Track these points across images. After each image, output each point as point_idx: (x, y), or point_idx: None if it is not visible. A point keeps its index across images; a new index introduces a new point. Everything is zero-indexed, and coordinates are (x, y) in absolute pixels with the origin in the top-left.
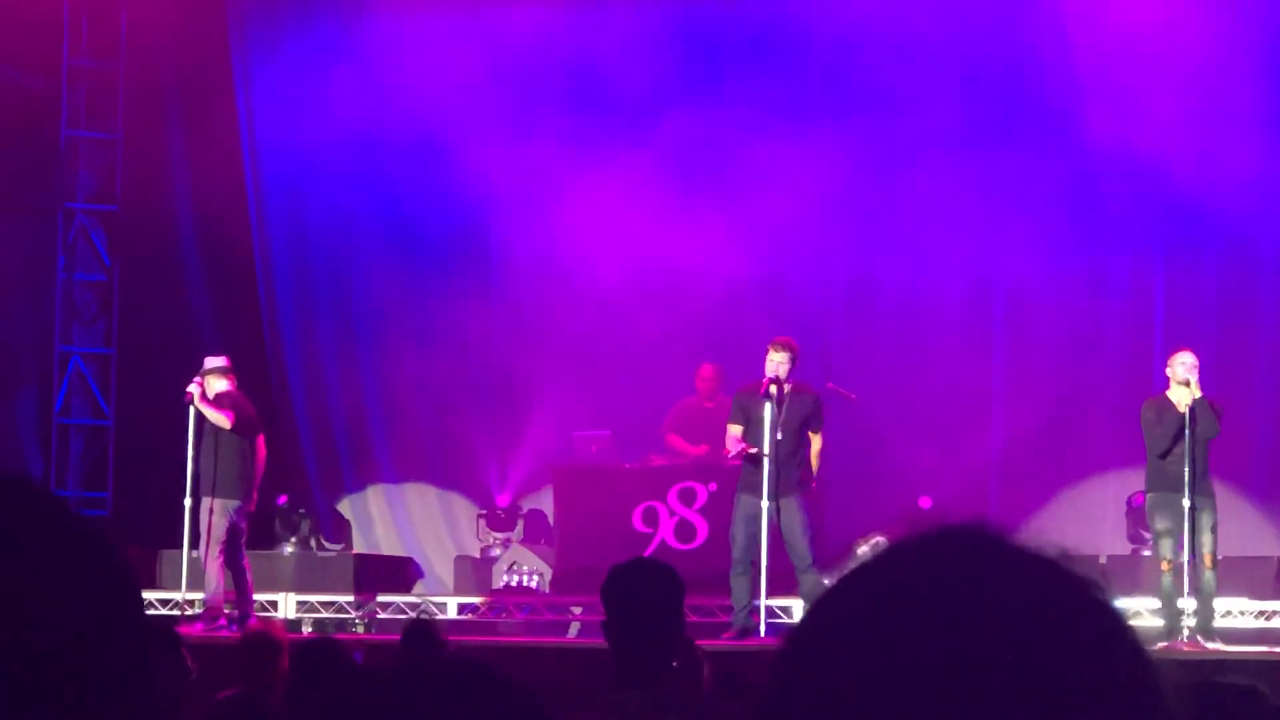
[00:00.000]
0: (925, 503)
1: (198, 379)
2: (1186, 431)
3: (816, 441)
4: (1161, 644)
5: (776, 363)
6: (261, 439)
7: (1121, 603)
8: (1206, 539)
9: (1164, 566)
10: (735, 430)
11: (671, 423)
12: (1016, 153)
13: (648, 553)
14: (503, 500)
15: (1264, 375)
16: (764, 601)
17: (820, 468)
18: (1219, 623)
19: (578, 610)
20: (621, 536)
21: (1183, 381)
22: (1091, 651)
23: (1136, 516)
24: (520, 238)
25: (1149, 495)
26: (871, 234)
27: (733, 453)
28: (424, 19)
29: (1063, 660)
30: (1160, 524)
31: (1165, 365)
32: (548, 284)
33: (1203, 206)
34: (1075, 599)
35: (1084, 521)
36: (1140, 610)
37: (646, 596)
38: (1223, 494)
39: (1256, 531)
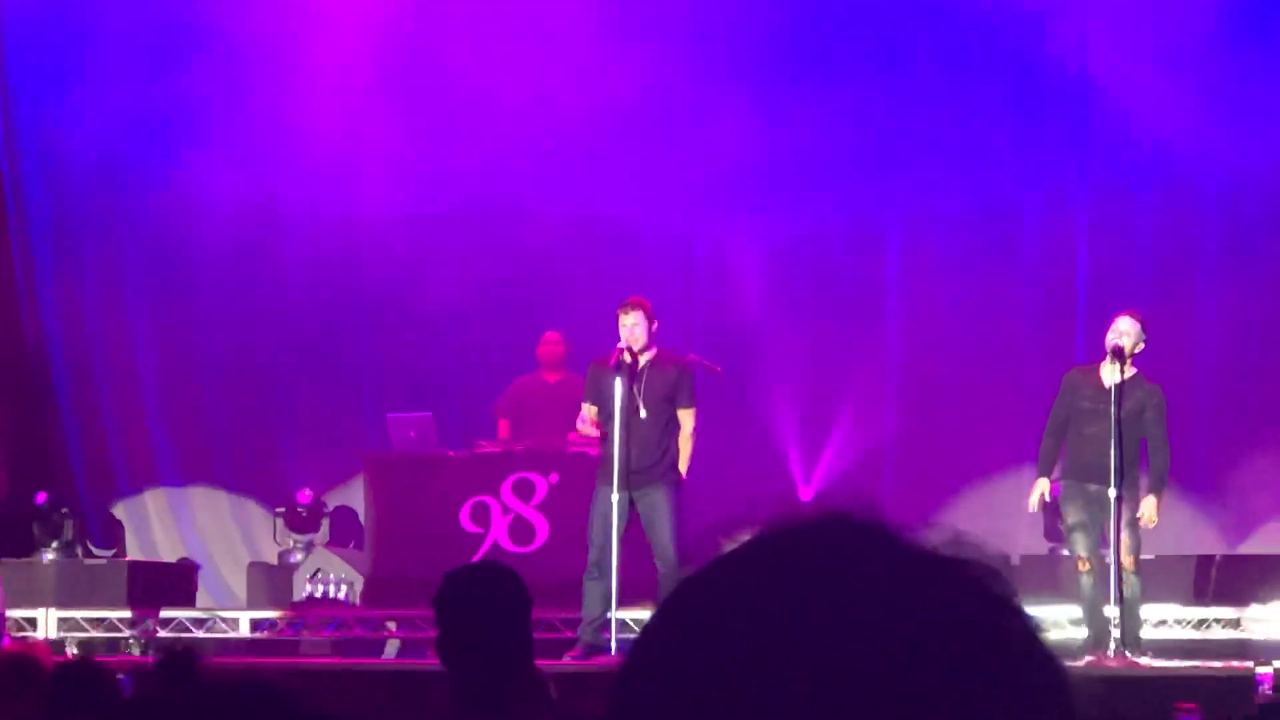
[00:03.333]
0: (806, 494)
1: None
2: (1112, 410)
3: (688, 422)
4: (1086, 658)
5: (628, 327)
6: None
7: (1032, 606)
8: (1125, 536)
9: (1081, 567)
10: (589, 411)
11: (505, 404)
12: (910, 81)
13: (478, 556)
14: (304, 496)
15: (1204, 349)
16: (615, 614)
17: (696, 452)
18: (1149, 633)
19: (393, 626)
20: (446, 538)
21: (1112, 351)
22: (984, 656)
23: (1055, 509)
24: (323, 188)
25: (1062, 483)
26: (738, 178)
27: (582, 433)
28: None
29: (948, 666)
30: (1072, 517)
31: (1087, 332)
32: (356, 241)
33: (1135, 144)
34: (967, 595)
35: (995, 515)
36: (1060, 620)
37: (489, 608)
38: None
39: (1193, 528)
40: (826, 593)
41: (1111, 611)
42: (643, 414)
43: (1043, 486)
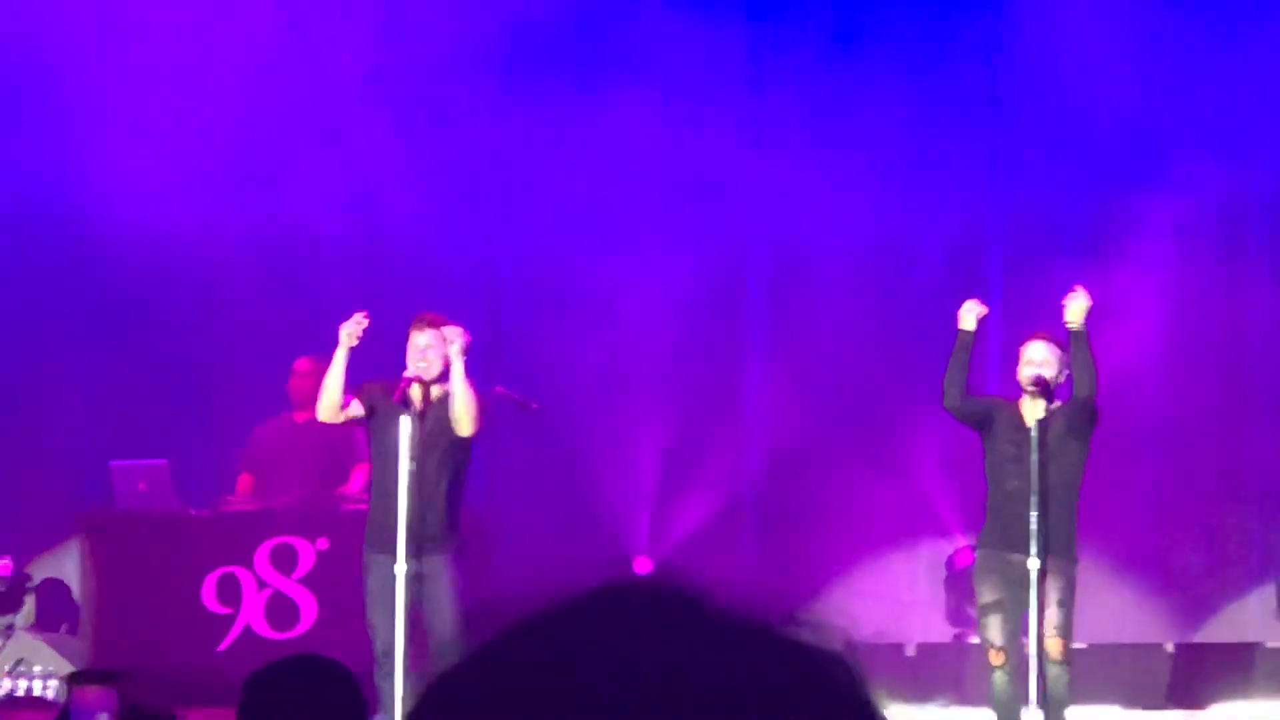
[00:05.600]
0: (642, 565)
1: None
2: (1034, 457)
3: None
4: None
5: (420, 349)
6: None
7: (926, 706)
8: (1052, 615)
9: (994, 659)
10: (350, 405)
11: (246, 455)
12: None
13: (225, 643)
14: (2, 567)
15: (1151, 383)
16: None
17: (485, 511)
18: None
19: None
20: (186, 620)
21: (1030, 388)
22: None
23: (960, 586)
24: (39, 191)
25: (977, 553)
26: (560, 179)
27: (327, 398)
28: None
29: None
30: (987, 595)
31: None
32: (72, 255)
33: (1055, 144)
34: (794, 683)
35: (883, 592)
36: None
37: None
38: (1092, 559)
39: (1135, 613)
40: (620, 674)
41: (1033, 717)
42: (416, 466)
43: (973, 310)
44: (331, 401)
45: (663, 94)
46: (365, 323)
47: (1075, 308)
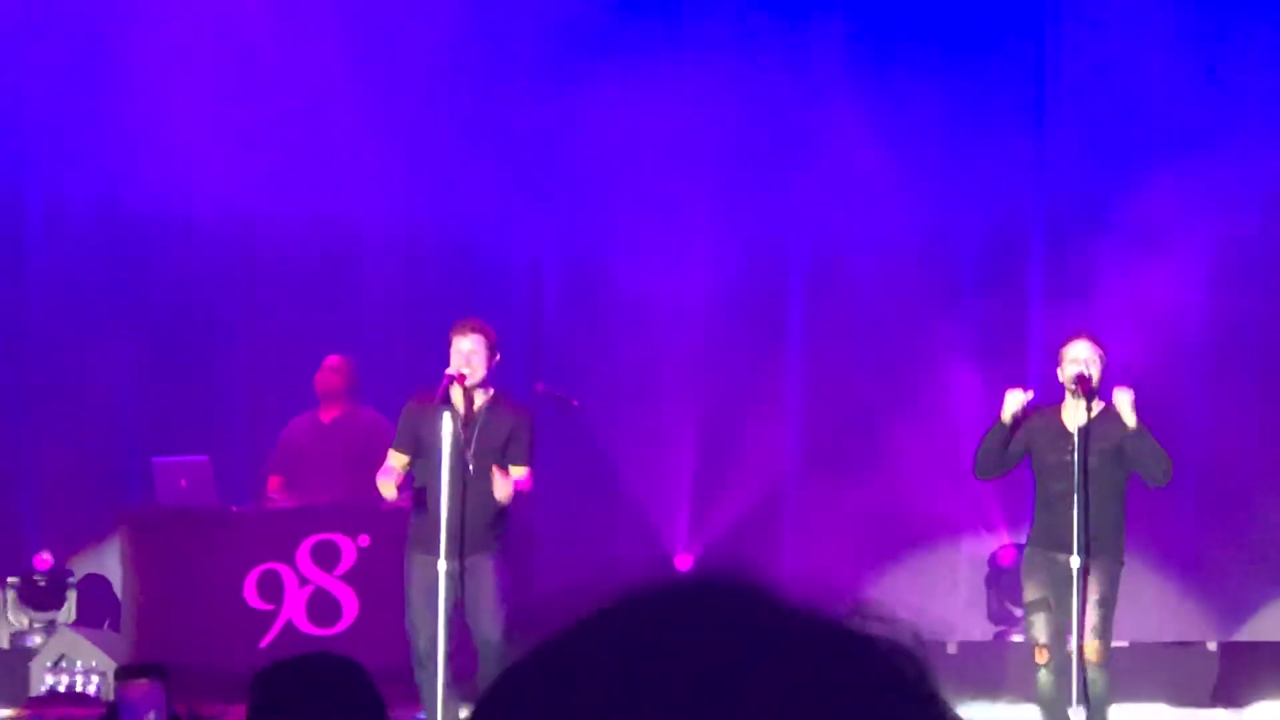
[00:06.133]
0: (683, 563)
1: None
2: (1075, 461)
3: (517, 476)
4: None
5: (463, 354)
6: None
7: (969, 704)
8: (1091, 617)
9: (1039, 657)
10: (397, 461)
11: (277, 454)
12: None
13: (267, 640)
14: (43, 562)
15: (1190, 379)
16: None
17: (526, 508)
18: None
19: None
20: (227, 616)
21: (1072, 387)
22: None
23: (1003, 583)
24: (76, 188)
25: (1025, 551)
26: (595, 183)
27: (386, 493)
28: None
29: None
30: (1032, 593)
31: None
32: (113, 251)
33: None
34: (865, 678)
35: (926, 591)
36: None
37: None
38: (1132, 557)
39: (1177, 611)
40: (688, 672)
41: (1077, 715)
42: (471, 469)
43: (1016, 401)
44: (385, 487)
45: (704, 89)
46: (394, 492)
47: (1124, 406)
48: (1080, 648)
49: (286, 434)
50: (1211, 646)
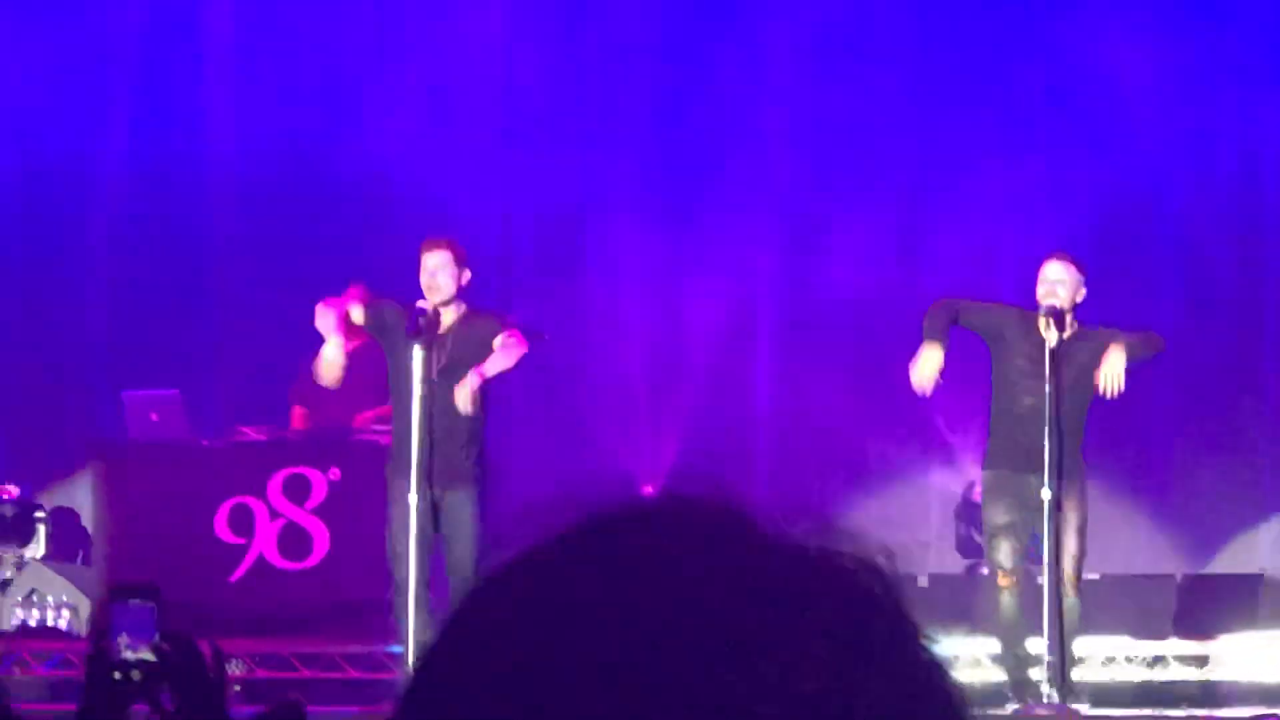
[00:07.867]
0: (648, 488)
1: None
2: (1047, 376)
3: (498, 346)
4: (1010, 707)
5: (430, 271)
6: None
7: (943, 638)
8: (1070, 544)
9: (1002, 582)
10: (356, 312)
11: (299, 388)
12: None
13: (239, 573)
14: (9, 493)
15: (1165, 312)
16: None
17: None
18: (1092, 674)
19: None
20: (198, 550)
21: (1046, 313)
22: (855, 672)
23: (971, 516)
24: (45, 125)
25: (984, 474)
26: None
27: (327, 354)
28: None
29: (809, 682)
30: (998, 516)
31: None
32: (87, 183)
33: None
34: (834, 594)
35: (897, 524)
36: (980, 657)
37: None
38: (1103, 489)
39: (1147, 544)
40: (657, 592)
41: (1040, 645)
42: (438, 388)
43: (933, 358)
44: (331, 376)
45: (687, 43)
46: (337, 311)
47: (1116, 367)
48: (1057, 576)
49: (306, 366)
50: (1178, 578)
